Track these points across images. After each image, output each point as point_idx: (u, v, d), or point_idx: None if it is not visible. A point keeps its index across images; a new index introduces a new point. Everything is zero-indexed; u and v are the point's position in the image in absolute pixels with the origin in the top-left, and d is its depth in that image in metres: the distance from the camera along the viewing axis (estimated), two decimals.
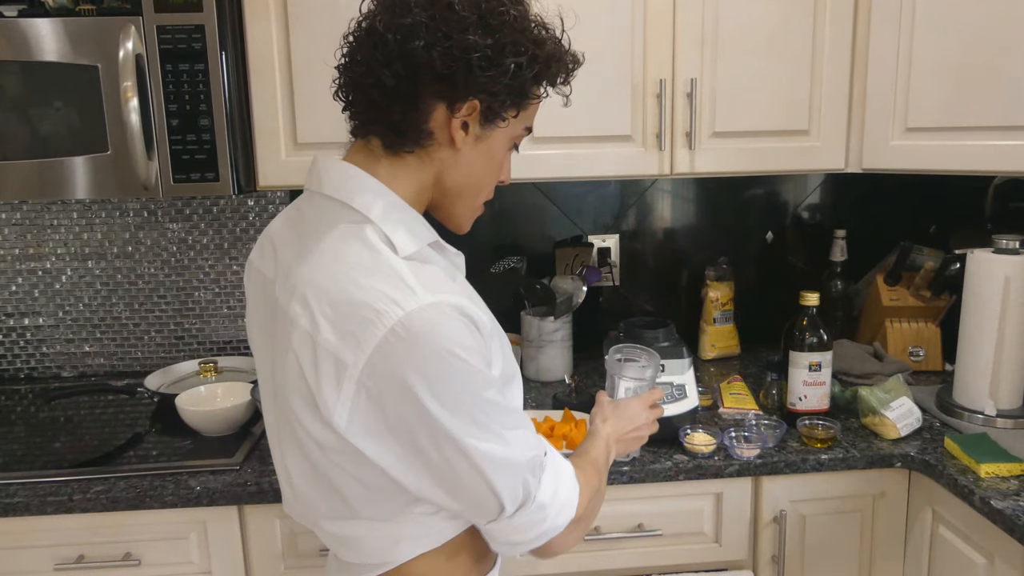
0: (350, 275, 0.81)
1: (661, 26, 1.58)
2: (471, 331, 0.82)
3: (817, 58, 1.62)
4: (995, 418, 1.52)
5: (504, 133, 0.92)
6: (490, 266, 1.93)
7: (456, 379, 0.80)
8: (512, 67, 0.85)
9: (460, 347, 0.80)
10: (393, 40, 0.83)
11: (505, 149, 0.95)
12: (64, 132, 1.48)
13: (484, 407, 0.83)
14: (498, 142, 0.93)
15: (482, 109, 0.87)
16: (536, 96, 0.92)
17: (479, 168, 0.93)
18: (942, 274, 1.78)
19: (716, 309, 1.98)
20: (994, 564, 1.28)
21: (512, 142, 0.96)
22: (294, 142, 1.58)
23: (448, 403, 0.80)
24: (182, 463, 1.44)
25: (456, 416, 0.81)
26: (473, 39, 0.83)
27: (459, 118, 0.87)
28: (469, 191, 0.95)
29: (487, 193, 0.98)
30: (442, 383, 0.79)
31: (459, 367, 0.80)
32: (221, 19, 1.47)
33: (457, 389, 0.81)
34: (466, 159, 0.91)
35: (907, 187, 2.02)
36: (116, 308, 1.96)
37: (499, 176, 0.98)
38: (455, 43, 0.83)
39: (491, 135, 0.91)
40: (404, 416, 0.80)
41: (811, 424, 1.50)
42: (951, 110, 1.53)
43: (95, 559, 1.39)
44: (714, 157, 1.64)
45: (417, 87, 0.85)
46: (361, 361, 0.78)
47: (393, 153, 0.89)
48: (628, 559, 1.48)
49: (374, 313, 0.78)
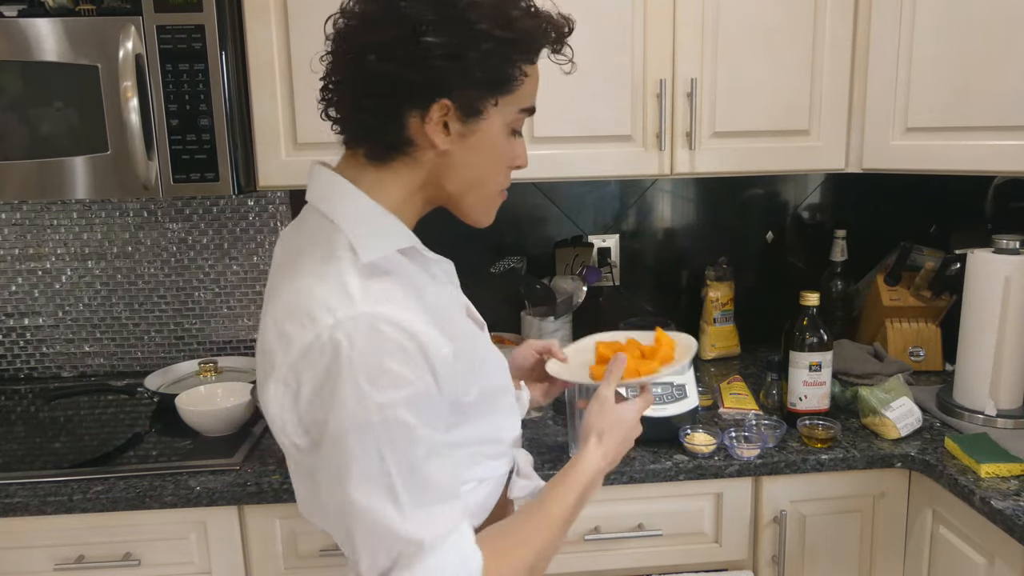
0: (305, 282, 0.82)
1: (661, 26, 1.58)
2: (407, 354, 0.77)
3: (817, 58, 1.62)
4: (995, 418, 1.52)
5: (494, 123, 0.88)
6: (490, 266, 1.94)
7: (369, 412, 0.75)
8: (476, 58, 0.82)
9: (385, 373, 0.76)
10: (352, 60, 0.83)
11: (502, 137, 0.90)
12: (64, 132, 1.48)
13: (392, 458, 0.77)
14: (490, 133, 0.88)
15: (457, 107, 0.84)
16: (517, 78, 0.86)
17: (476, 162, 0.89)
18: (942, 274, 1.78)
19: (716, 309, 1.98)
20: (994, 564, 1.28)
21: (509, 127, 0.90)
22: (294, 142, 1.58)
23: (351, 433, 0.76)
24: (182, 463, 1.44)
25: (356, 448, 0.76)
26: (429, 40, 0.80)
27: (432, 122, 0.84)
28: (472, 186, 0.91)
29: (498, 183, 0.94)
30: (354, 406, 0.76)
31: (377, 400, 0.75)
32: (221, 19, 1.47)
33: (364, 424, 0.76)
34: (458, 158, 0.88)
35: (907, 187, 2.02)
36: (116, 308, 1.96)
37: (508, 163, 0.92)
38: (411, 50, 0.80)
39: (478, 128, 0.87)
40: (315, 421, 0.79)
41: (811, 424, 1.50)
42: (951, 110, 1.53)
43: (95, 559, 1.39)
44: (714, 157, 1.64)
45: (386, 101, 0.83)
46: (287, 363, 0.79)
47: (379, 161, 0.88)
48: (628, 559, 1.48)
49: (309, 319, 0.78)
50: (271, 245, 1.95)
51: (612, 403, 1.01)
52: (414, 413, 0.78)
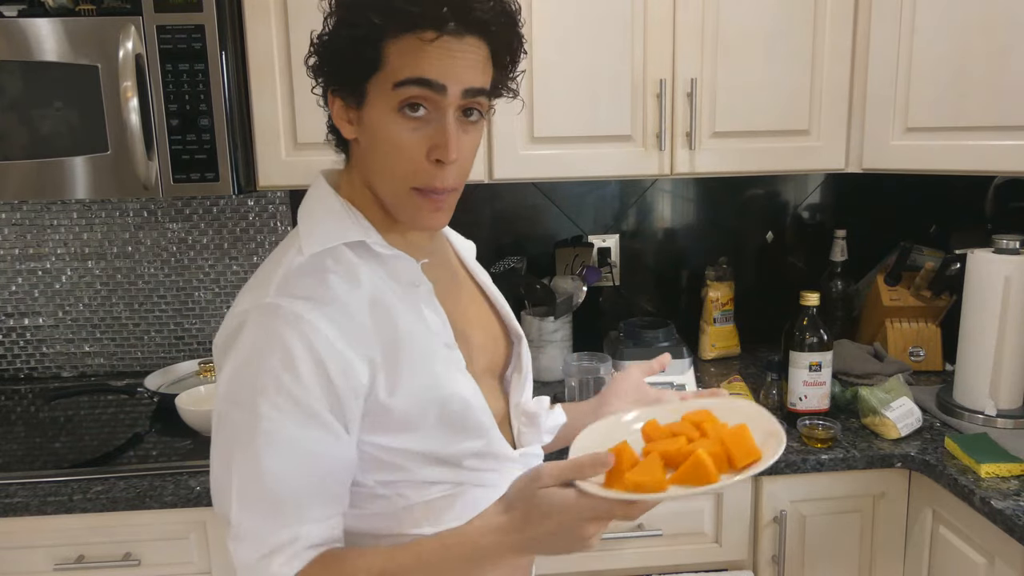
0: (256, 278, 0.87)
1: (661, 26, 1.58)
2: (289, 353, 0.78)
3: (817, 58, 1.62)
4: (995, 418, 1.52)
5: (376, 105, 0.83)
6: (490, 266, 1.93)
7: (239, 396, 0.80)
8: (340, 45, 0.84)
9: (263, 369, 0.79)
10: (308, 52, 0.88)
11: (389, 118, 0.83)
12: (64, 132, 1.48)
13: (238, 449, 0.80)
14: (376, 116, 0.84)
15: (343, 94, 0.86)
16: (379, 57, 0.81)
17: (378, 150, 0.85)
18: (942, 274, 1.78)
19: (716, 309, 1.98)
20: (994, 564, 1.28)
21: (395, 106, 0.82)
22: (294, 142, 1.58)
23: (237, 408, 0.80)
24: (182, 463, 1.44)
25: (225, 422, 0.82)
26: (323, 32, 0.85)
27: (335, 111, 0.88)
28: (381, 177, 0.87)
29: (404, 177, 0.85)
30: (232, 385, 0.81)
31: (246, 391, 0.79)
32: (221, 19, 1.47)
33: (248, 402, 0.79)
34: (366, 146, 0.87)
35: (907, 187, 2.02)
36: (116, 308, 1.96)
37: (414, 152, 0.83)
38: (314, 45, 0.86)
39: (366, 113, 0.84)
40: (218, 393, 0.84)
41: (811, 424, 1.50)
42: (951, 110, 1.53)
43: (95, 559, 1.39)
44: (714, 157, 1.64)
45: (321, 92, 0.89)
46: (216, 344, 0.85)
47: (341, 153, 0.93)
48: (628, 559, 1.48)
49: (238, 306, 0.84)
50: (271, 245, 1.95)
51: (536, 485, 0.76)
52: (278, 411, 0.79)
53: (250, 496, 0.80)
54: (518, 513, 0.77)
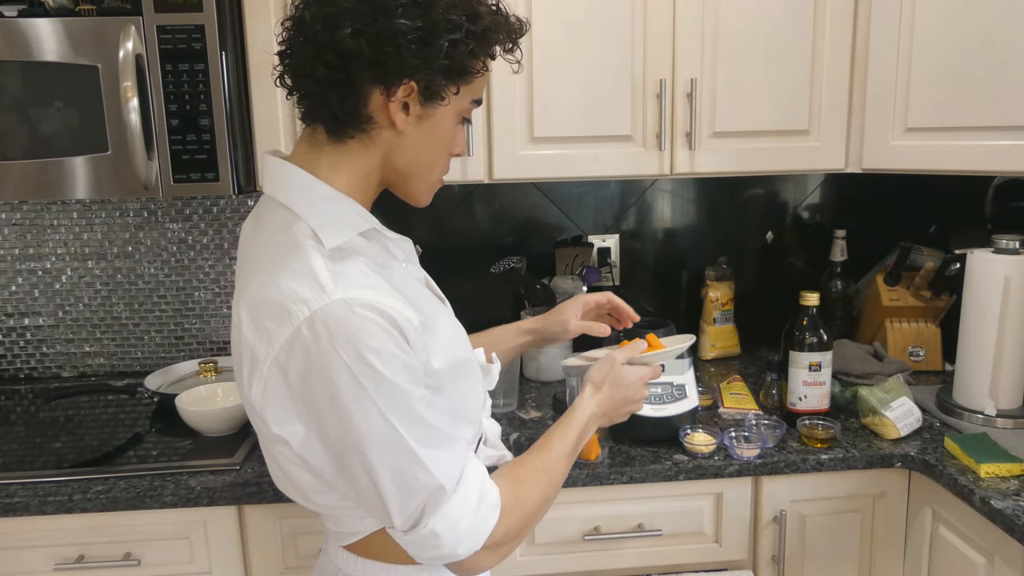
0: (271, 274, 0.84)
1: (661, 26, 1.58)
2: (386, 331, 0.81)
3: (817, 58, 1.62)
4: (995, 418, 1.52)
5: (449, 109, 0.91)
6: (490, 266, 1.94)
7: (364, 386, 0.80)
8: (446, 46, 0.84)
9: (369, 350, 0.79)
10: (321, 30, 0.83)
11: (453, 124, 0.94)
12: (64, 132, 1.48)
13: (396, 419, 0.82)
14: (444, 119, 0.92)
15: (420, 89, 0.87)
16: (478, 70, 0.91)
17: (427, 146, 0.93)
18: (942, 274, 1.78)
19: (716, 309, 1.98)
20: (994, 564, 1.28)
21: (460, 116, 0.95)
22: (294, 142, 1.57)
23: (354, 408, 0.80)
24: (182, 463, 1.44)
25: (363, 422, 0.81)
26: (402, 22, 0.82)
27: (396, 101, 0.87)
28: (419, 169, 0.94)
29: (441, 168, 0.98)
30: (349, 385, 0.79)
31: (368, 375, 0.79)
32: (221, 19, 1.47)
33: (363, 397, 0.80)
34: (411, 139, 0.91)
35: (907, 187, 2.02)
36: (116, 308, 1.96)
37: (451, 151, 0.97)
38: (383, 28, 0.82)
39: (435, 113, 0.90)
40: (312, 409, 0.82)
41: (811, 424, 1.50)
42: (951, 110, 1.53)
43: (95, 559, 1.39)
44: (714, 157, 1.64)
45: (350, 75, 0.84)
46: (270, 357, 0.81)
47: (337, 140, 0.90)
48: (628, 559, 1.48)
49: (285, 312, 0.80)
50: None
51: (618, 364, 1.12)
52: (401, 377, 0.82)
53: (437, 453, 0.85)
54: (606, 387, 1.10)
